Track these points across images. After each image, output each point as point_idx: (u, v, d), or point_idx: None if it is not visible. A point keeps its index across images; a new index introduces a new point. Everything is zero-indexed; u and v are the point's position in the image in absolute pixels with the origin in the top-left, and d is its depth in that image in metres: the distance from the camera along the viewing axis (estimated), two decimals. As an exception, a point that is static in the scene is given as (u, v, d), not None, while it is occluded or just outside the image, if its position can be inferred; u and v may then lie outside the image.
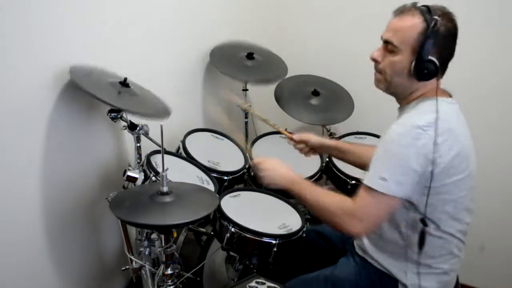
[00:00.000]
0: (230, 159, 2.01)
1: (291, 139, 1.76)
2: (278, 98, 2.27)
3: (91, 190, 1.78)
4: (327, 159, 2.12)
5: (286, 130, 1.83)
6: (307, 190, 1.40)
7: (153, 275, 1.62)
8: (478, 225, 1.40)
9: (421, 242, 1.31)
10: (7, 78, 1.39)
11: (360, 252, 1.51)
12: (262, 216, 1.71)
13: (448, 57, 1.32)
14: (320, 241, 1.69)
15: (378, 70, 1.37)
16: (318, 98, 2.27)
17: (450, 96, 1.37)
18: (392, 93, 1.39)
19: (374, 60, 1.37)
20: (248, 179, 2.07)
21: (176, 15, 2.10)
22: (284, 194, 1.88)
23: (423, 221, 1.29)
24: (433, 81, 1.32)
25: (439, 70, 1.29)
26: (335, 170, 2.05)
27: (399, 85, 1.35)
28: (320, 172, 2.09)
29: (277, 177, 1.46)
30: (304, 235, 1.63)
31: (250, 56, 2.28)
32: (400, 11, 1.32)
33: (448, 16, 1.29)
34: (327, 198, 1.35)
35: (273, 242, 1.56)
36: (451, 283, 1.43)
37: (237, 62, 2.27)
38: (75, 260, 1.79)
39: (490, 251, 2.21)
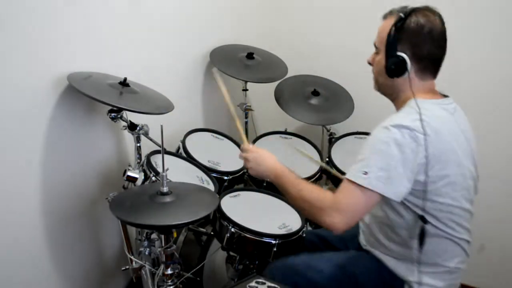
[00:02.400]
0: (230, 159, 2.01)
1: None
2: (278, 98, 2.27)
3: (91, 190, 1.78)
4: (327, 159, 2.12)
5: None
6: (290, 182, 1.38)
7: (153, 275, 1.62)
8: (478, 225, 1.40)
9: (421, 240, 1.30)
10: (8, 79, 1.39)
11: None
12: (262, 216, 1.71)
13: (427, 55, 1.29)
14: (319, 243, 1.68)
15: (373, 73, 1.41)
16: (318, 98, 2.27)
17: (443, 96, 1.36)
18: (383, 94, 1.42)
19: (369, 63, 1.41)
20: (248, 179, 2.08)
21: (176, 15, 2.10)
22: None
23: (423, 219, 1.28)
24: (421, 82, 1.31)
25: (407, 66, 1.27)
26: (335, 170, 2.05)
27: (383, 84, 1.38)
28: (320, 172, 2.08)
29: (262, 171, 1.45)
30: (304, 235, 1.63)
31: (250, 56, 2.27)
32: (386, 15, 1.34)
33: (423, 13, 1.27)
34: (309, 191, 1.34)
35: (273, 242, 1.56)
36: (457, 282, 1.42)
37: (237, 62, 2.27)
38: (75, 260, 1.79)
39: (490, 251, 2.21)
